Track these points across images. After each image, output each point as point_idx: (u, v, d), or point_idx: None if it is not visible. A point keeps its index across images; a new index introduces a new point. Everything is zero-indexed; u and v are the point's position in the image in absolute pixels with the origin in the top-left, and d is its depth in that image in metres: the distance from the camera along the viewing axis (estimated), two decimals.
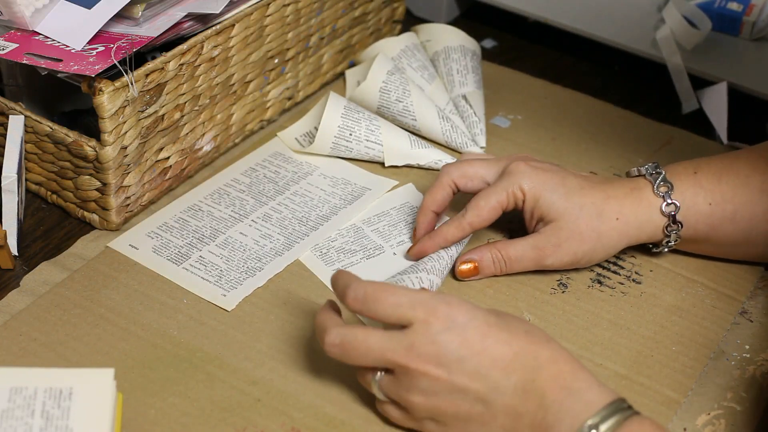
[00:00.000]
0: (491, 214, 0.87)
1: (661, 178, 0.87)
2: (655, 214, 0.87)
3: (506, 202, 0.87)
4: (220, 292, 0.87)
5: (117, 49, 0.87)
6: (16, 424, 0.70)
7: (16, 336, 0.82)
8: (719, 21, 1.12)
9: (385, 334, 0.73)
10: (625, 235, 0.87)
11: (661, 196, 0.86)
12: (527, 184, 0.87)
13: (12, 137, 0.88)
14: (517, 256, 0.88)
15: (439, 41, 1.09)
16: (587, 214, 0.86)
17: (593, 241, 0.87)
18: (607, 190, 0.87)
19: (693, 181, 0.87)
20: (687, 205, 0.87)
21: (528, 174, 0.87)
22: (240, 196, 0.96)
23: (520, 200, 0.87)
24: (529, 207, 0.87)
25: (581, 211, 0.86)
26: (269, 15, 0.99)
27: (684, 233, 0.88)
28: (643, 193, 0.87)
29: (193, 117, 0.95)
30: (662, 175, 0.87)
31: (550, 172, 0.88)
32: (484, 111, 1.06)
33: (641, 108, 1.10)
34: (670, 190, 0.86)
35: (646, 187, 0.87)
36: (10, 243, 0.89)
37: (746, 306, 0.89)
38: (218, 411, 0.78)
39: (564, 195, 0.86)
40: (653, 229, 0.87)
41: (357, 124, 0.99)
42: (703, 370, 0.83)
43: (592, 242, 0.87)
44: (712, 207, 0.87)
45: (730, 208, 0.86)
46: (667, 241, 0.88)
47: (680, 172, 0.88)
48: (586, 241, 0.86)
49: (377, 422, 0.78)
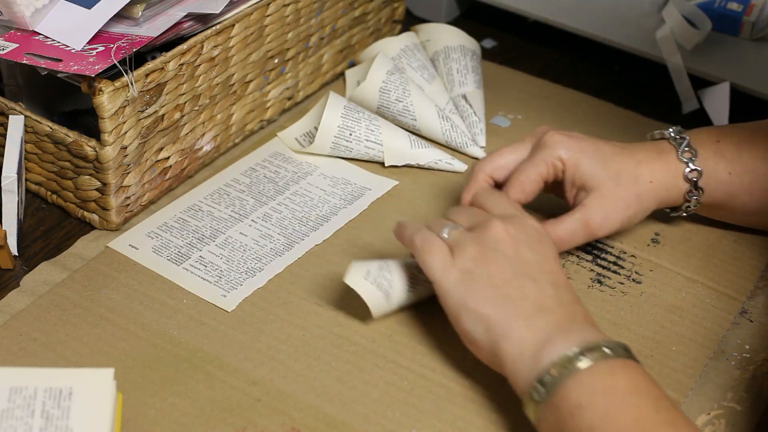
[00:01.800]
0: (534, 186, 0.88)
1: (685, 143, 0.88)
2: (679, 179, 0.89)
3: (546, 173, 0.88)
4: (220, 293, 0.87)
5: (117, 49, 0.87)
6: (16, 424, 0.70)
7: (16, 336, 0.82)
8: (719, 21, 1.12)
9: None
10: (657, 198, 0.89)
11: (685, 162, 0.88)
12: (565, 153, 0.87)
13: (12, 137, 0.88)
14: (568, 235, 0.87)
15: (439, 41, 1.09)
16: (626, 180, 0.87)
17: (636, 205, 0.88)
18: (637, 155, 0.88)
19: (715, 149, 0.89)
20: (708, 172, 0.88)
21: (564, 143, 0.87)
22: (240, 196, 0.96)
23: (560, 170, 0.88)
24: (569, 176, 0.88)
25: (620, 177, 0.87)
26: (269, 15, 0.99)
27: (703, 199, 0.89)
28: (669, 157, 0.88)
29: (193, 117, 0.95)
30: (687, 140, 0.89)
31: (584, 140, 0.88)
32: (484, 111, 1.06)
33: (641, 108, 1.10)
34: (694, 156, 0.88)
35: (671, 152, 0.89)
36: (10, 243, 0.89)
37: (746, 306, 0.89)
38: (218, 411, 0.78)
39: (601, 161, 0.87)
40: (677, 193, 0.89)
41: (357, 124, 0.99)
42: (703, 370, 0.83)
43: (635, 206, 0.88)
44: (731, 176, 0.89)
45: (748, 179, 0.88)
46: (687, 206, 0.90)
47: (704, 139, 0.89)
48: (631, 205, 0.88)
49: (377, 422, 0.78)
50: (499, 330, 0.75)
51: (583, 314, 0.76)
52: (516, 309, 0.75)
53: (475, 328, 0.76)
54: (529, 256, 0.78)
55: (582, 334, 0.73)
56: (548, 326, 0.74)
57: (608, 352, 0.72)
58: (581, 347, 0.72)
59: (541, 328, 0.74)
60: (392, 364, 0.82)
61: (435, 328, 0.85)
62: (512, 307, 0.75)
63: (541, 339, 0.73)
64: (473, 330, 0.76)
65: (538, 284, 0.76)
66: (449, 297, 0.78)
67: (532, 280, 0.76)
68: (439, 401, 0.79)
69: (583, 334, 0.73)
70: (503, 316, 0.75)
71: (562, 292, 0.77)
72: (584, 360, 0.71)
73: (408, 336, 0.84)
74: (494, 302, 0.76)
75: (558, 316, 0.75)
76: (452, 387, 0.80)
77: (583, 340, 0.72)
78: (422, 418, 0.78)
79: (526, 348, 0.74)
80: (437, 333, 0.84)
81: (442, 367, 0.82)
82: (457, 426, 0.78)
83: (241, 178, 0.98)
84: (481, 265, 0.77)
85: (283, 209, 0.95)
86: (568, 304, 0.76)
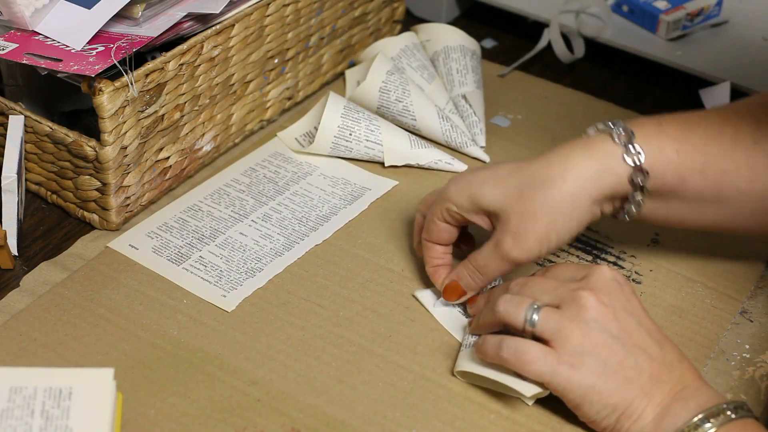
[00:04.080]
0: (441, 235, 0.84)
1: (620, 126, 0.79)
2: (615, 162, 0.78)
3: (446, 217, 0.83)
4: (220, 293, 0.87)
5: (117, 49, 0.87)
6: (16, 423, 0.70)
7: (16, 336, 0.82)
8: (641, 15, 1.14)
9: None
10: (583, 195, 0.78)
11: (623, 145, 0.78)
12: (452, 191, 0.82)
13: (12, 137, 0.88)
14: (485, 261, 0.81)
15: (438, 41, 1.09)
16: (529, 189, 0.78)
17: (549, 214, 0.78)
18: (548, 156, 0.79)
19: (657, 130, 0.80)
20: (653, 152, 0.79)
21: (452, 183, 0.83)
22: (240, 196, 0.96)
23: (454, 210, 0.82)
24: (468, 212, 0.82)
25: (522, 188, 0.78)
26: (269, 15, 0.99)
27: (652, 184, 0.79)
28: (596, 145, 0.79)
29: (193, 117, 0.95)
30: (621, 125, 0.79)
31: (478, 170, 0.83)
32: (484, 111, 1.06)
33: (641, 108, 1.10)
34: (632, 137, 0.78)
35: (601, 139, 0.79)
36: (10, 243, 0.89)
37: (746, 306, 0.89)
38: (218, 411, 0.78)
39: (496, 182, 0.80)
40: (615, 180, 0.79)
41: (357, 124, 0.99)
42: (703, 370, 0.83)
43: (547, 215, 0.78)
44: (680, 156, 0.79)
45: (700, 159, 0.79)
46: (634, 195, 0.80)
47: (642, 122, 0.80)
48: (539, 217, 0.78)
49: (377, 422, 0.78)
50: (622, 411, 0.74)
51: (690, 372, 0.75)
52: (637, 388, 0.74)
53: (599, 414, 0.74)
54: (630, 322, 0.75)
55: (699, 399, 0.73)
56: (666, 398, 0.74)
57: (731, 416, 0.72)
58: (704, 413, 0.72)
59: (659, 402, 0.74)
60: (392, 364, 0.82)
61: (435, 329, 0.85)
62: (634, 388, 0.74)
63: (661, 413, 0.73)
64: (598, 415, 0.75)
65: (646, 352, 0.75)
66: (569, 394, 0.74)
67: (641, 349, 0.75)
68: (439, 401, 0.79)
69: (699, 398, 0.73)
70: (627, 401, 0.74)
71: (667, 352, 0.75)
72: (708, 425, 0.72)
73: (408, 336, 0.84)
74: (617, 389, 0.74)
75: (672, 385, 0.74)
76: (452, 387, 0.80)
77: (702, 405, 0.73)
78: (422, 418, 0.78)
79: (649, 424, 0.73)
80: (437, 333, 0.84)
81: (442, 367, 0.82)
82: (457, 426, 0.78)
83: (241, 178, 0.98)
84: (590, 351, 0.74)
85: (283, 209, 0.95)
86: (677, 365, 0.75)
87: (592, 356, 0.74)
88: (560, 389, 0.75)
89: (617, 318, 0.75)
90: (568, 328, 0.74)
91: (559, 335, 0.74)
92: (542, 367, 0.74)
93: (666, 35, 1.13)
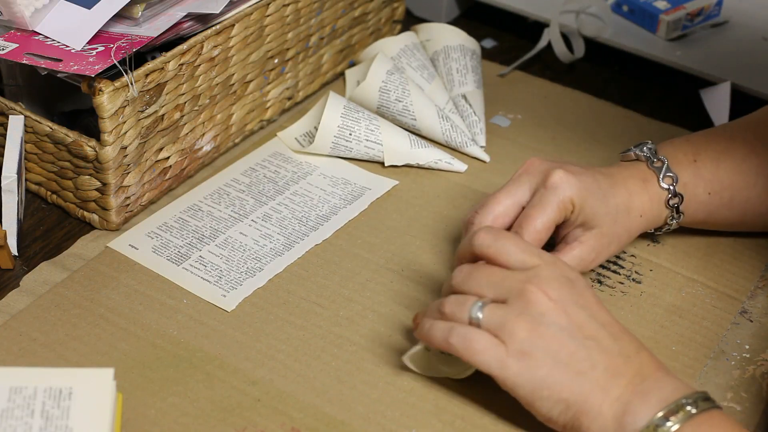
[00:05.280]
0: (548, 234, 0.84)
1: (665, 168, 0.87)
2: (662, 206, 0.88)
3: (558, 218, 0.83)
4: (220, 293, 0.87)
5: (117, 49, 0.87)
6: (16, 423, 0.70)
7: (16, 336, 0.83)
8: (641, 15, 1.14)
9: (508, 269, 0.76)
10: (643, 228, 0.88)
11: (666, 189, 0.87)
12: (576, 194, 0.83)
13: (12, 137, 0.88)
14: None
15: (438, 41, 1.09)
16: (622, 216, 0.86)
17: (626, 239, 0.87)
18: (628, 186, 0.86)
19: (693, 171, 0.88)
20: (689, 196, 0.88)
21: (571, 183, 0.83)
22: (240, 196, 0.96)
23: (569, 212, 0.83)
24: (575, 216, 0.84)
25: (617, 213, 0.85)
26: (269, 15, 0.99)
27: (682, 221, 0.89)
28: (652, 186, 0.87)
29: (193, 117, 0.95)
30: (665, 164, 0.87)
31: (583, 174, 0.85)
32: (484, 110, 1.06)
33: (641, 108, 1.10)
34: (674, 182, 0.87)
35: (652, 179, 0.87)
36: (10, 243, 0.89)
37: (746, 306, 0.89)
38: (218, 411, 0.78)
39: (602, 198, 0.84)
40: (661, 219, 0.88)
41: (357, 124, 0.99)
42: (703, 370, 0.83)
43: (624, 240, 0.87)
44: (711, 196, 0.88)
45: (728, 194, 0.88)
46: (666, 229, 0.90)
47: (681, 160, 0.88)
48: (622, 241, 0.87)
49: (377, 422, 0.78)
50: (578, 408, 0.72)
51: (649, 362, 0.73)
52: (590, 383, 0.72)
53: (553, 411, 0.73)
54: (580, 315, 0.73)
55: (659, 393, 0.71)
56: (624, 393, 0.72)
57: (692, 411, 0.70)
58: (664, 410, 0.70)
59: (617, 397, 0.71)
60: (392, 365, 0.82)
61: None
62: (587, 382, 0.72)
63: (621, 410, 0.71)
64: (551, 412, 0.73)
65: (601, 345, 0.73)
66: (519, 389, 0.73)
67: (595, 341, 0.73)
68: (439, 401, 0.79)
69: (659, 392, 0.71)
70: (580, 395, 0.72)
71: (623, 344, 0.73)
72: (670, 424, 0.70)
73: (408, 336, 0.84)
74: (569, 383, 0.72)
75: (630, 378, 0.72)
76: (452, 387, 0.80)
77: (663, 400, 0.71)
78: (422, 418, 0.78)
79: (609, 422, 0.71)
80: None
81: None
82: (457, 426, 0.78)
83: (241, 178, 0.98)
84: (538, 345, 0.72)
85: (282, 209, 0.95)
86: (635, 356, 0.73)
87: (540, 349, 0.72)
88: (509, 383, 0.73)
89: (567, 312, 0.73)
90: (514, 323, 0.73)
91: (504, 330, 0.73)
92: (491, 358, 0.73)
93: (666, 35, 1.13)
